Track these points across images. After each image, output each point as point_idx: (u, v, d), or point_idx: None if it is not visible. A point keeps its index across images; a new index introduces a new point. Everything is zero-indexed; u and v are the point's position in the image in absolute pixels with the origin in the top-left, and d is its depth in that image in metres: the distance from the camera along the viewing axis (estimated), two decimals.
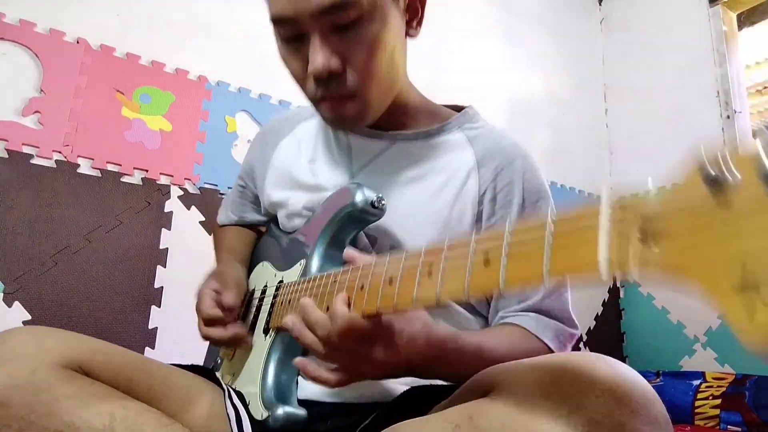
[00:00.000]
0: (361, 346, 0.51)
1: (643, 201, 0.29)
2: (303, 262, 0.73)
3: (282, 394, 0.66)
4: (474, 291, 0.39)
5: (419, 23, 0.72)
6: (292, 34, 0.64)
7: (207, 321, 0.73)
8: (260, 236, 0.95)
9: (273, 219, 0.90)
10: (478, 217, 0.72)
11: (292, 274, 0.74)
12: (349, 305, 0.51)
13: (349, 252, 0.59)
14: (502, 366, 0.48)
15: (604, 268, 0.29)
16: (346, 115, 0.68)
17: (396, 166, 0.75)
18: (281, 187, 0.82)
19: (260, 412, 0.63)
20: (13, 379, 0.50)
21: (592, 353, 0.44)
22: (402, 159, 0.75)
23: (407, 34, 0.71)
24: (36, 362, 0.52)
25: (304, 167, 0.80)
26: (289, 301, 0.68)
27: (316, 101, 0.68)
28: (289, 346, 0.70)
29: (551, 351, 0.67)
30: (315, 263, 0.71)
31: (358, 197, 0.67)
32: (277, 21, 0.64)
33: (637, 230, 0.29)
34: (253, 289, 0.82)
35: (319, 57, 0.61)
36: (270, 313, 0.73)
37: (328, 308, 0.54)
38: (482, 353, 0.59)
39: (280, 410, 0.61)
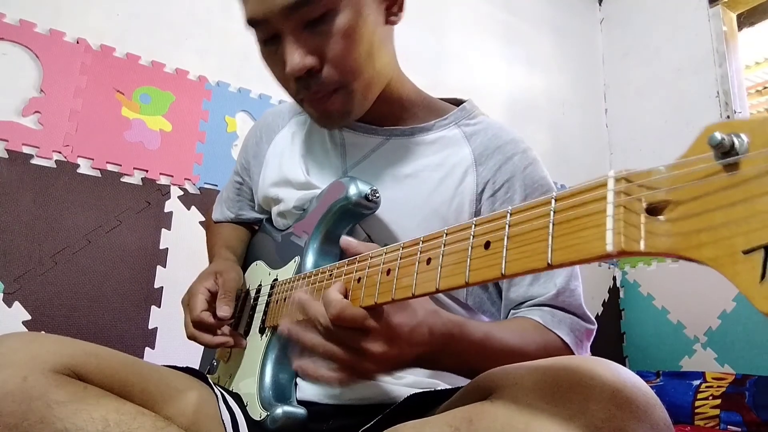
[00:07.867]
0: (360, 339, 0.48)
1: (649, 173, 0.28)
2: (297, 259, 0.72)
3: (280, 394, 0.65)
4: (475, 276, 0.37)
5: (400, 8, 0.69)
6: (267, 35, 0.64)
7: (196, 324, 0.70)
8: (254, 234, 0.95)
9: (267, 216, 0.89)
10: (476, 215, 0.72)
11: (287, 272, 0.73)
12: (345, 297, 0.49)
13: (345, 239, 0.57)
14: (502, 369, 0.47)
15: (611, 241, 0.28)
16: (332, 110, 0.66)
17: (391, 162, 0.73)
18: (275, 183, 0.81)
19: (258, 413, 0.62)
20: (4, 386, 0.49)
21: (593, 357, 0.43)
22: (397, 155, 0.73)
23: (387, 21, 0.68)
24: (27, 369, 0.51)
25: (296, 164, 0.78)
26: (284, 299, 0.67)
27: (300, 101, 0.68)
28: (286, 344, 0.69)
29: (566, 345, 0.65)
30: (310, 259, 0.70)
31: (352, 190, 0.66)
32: (252, 23, 0.64)
33: (643, 201, 0.28)
34: (248, 289, 0.81)
35: (295, 56, 0.61)
36: (265, 313, 0.72)
37: None
38: (491, 342, 0.57)
39: (279, 410, 0.60)
